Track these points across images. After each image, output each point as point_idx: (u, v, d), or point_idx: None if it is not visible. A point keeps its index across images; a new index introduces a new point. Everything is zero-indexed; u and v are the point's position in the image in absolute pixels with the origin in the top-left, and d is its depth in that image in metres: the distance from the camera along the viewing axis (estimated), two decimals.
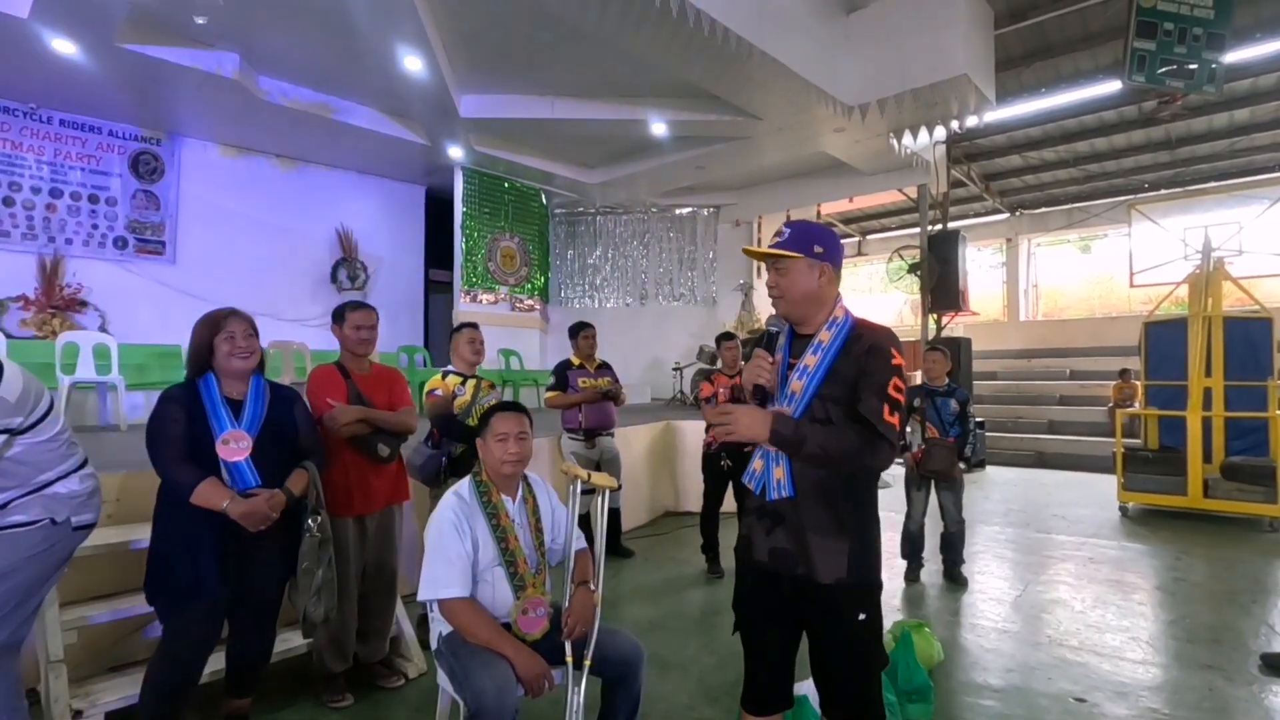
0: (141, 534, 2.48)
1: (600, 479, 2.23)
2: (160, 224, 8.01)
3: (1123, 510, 6.46)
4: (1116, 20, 7.07)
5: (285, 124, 7.68)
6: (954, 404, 4.24)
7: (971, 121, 7.43)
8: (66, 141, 7.39)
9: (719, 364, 4.71)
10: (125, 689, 2.31)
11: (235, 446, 2.08)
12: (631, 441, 5.64)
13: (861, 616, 1.59)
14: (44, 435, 1.87)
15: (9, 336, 6.07)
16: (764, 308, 10.55)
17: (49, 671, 2.18)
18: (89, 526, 2.00)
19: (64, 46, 5.85)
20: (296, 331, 7.72)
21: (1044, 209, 13.46)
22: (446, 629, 1.95)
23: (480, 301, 9.66)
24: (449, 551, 1.91)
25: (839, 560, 1.57)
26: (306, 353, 6.45)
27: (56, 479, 1.90)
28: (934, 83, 6.37)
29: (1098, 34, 7.68)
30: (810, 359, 1.62)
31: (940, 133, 8.07)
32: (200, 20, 5.05)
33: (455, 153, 8.77)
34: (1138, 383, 8.65)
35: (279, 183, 8.87)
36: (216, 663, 2.29)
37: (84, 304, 7.34)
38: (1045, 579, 4.38)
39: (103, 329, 7.13)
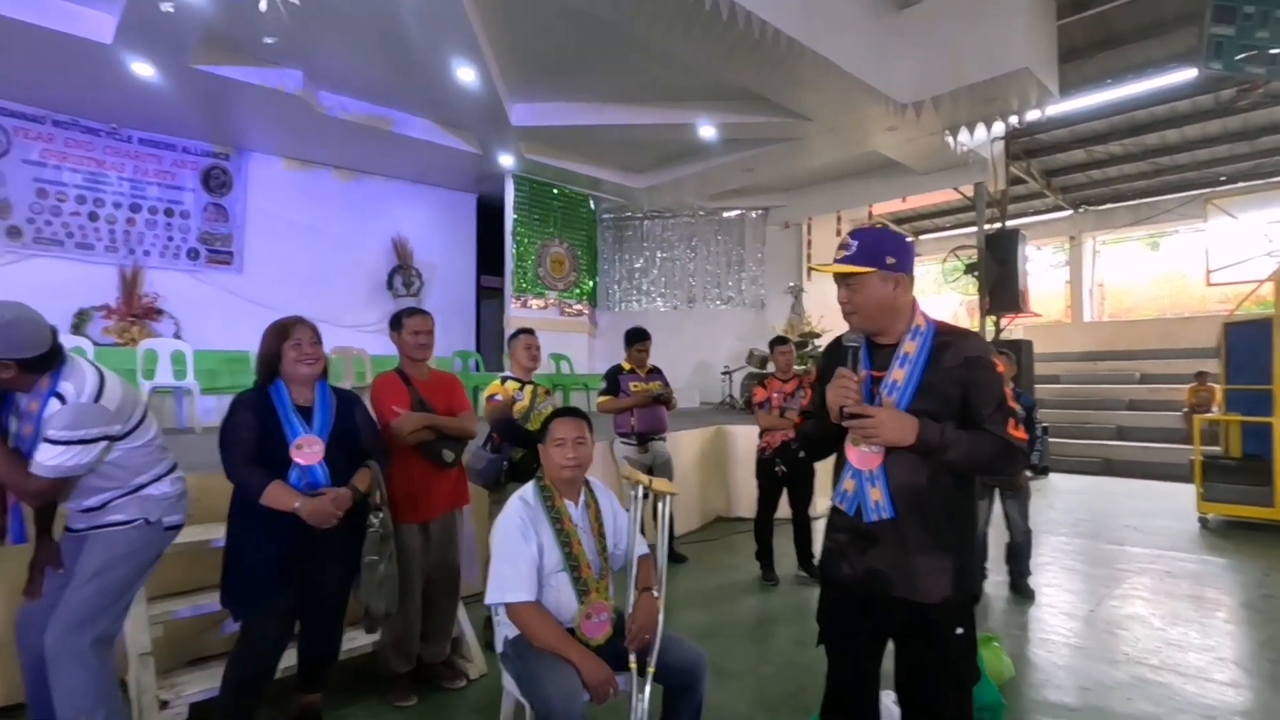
0: (217, 533, 2.59)
1: (661, 485, 2.24)
2: (229, 235, 8.38)
3: (1202, 522, 6.12)
4: (1191, 5, 6.72)
5: (345, 137, 7.95)
6: (1019, 410, 4.08)
7: (1033, 116, 7.15)
8: (145, 159, 7.80)
9: (769, 368, 4.66)
10: (206, 682, 2.42)
11: (309, 451, 2.17)
12: (683, 446, 5.62)
13: (959, 630, 1.57)
14: (139, 441, 1.97)
15: (95, 344, 6.43)
16: (814, 310, 10.39)
17: (138, 663, 2.29)
18: (178, 527, 2.11)
19: (143, 69, 6.18)
20: (355, 337, 7.98)
21: (1109, 205, 12.87)
22: (512, 632, 1.98)
23: (530, 307, 9.79)
24: (516, 555, 1.93)
25: (943, 579, 1.54)
26: (366, 358, 6.65)
27: (150, 481, 2.00)
28: (992, 77, 6.17)
29: (1170, 21, 7.32)
30: (898, 373, 1.59)
31: (999, 128, 7.81)
32: (269, 40, 5.27)
33: (506, 161, 8.93)
34: (1216, 386, 8.20)
35: (338, 194, 9.18)
36: (289, 659, 2.37)
37: (160, 312, 7.73)
38: (1119, 593, 4.18)
39: (177, 336, 7.50)
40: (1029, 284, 9.54)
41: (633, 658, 1.94)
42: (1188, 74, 7.62)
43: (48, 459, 1.81)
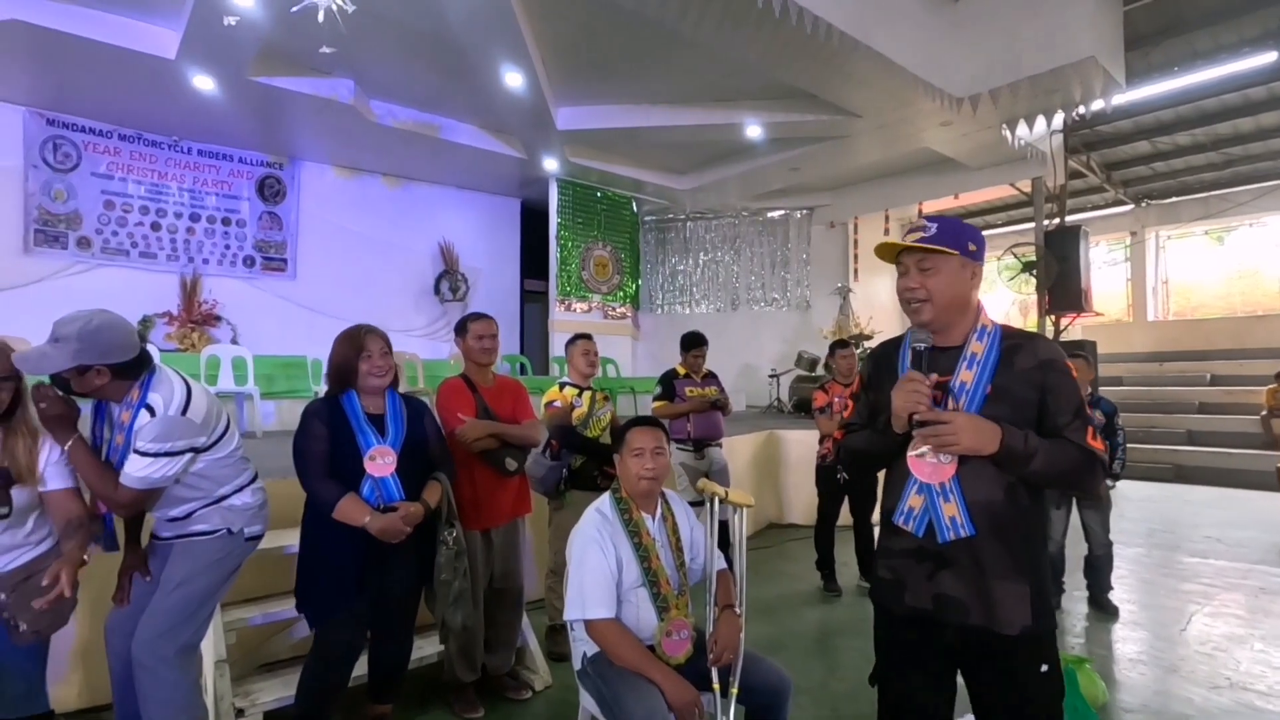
0: (286, 539, 2.60)
1: (738, 496, 2.16)
2: (283, 242, 8.57)
3: None
4: None
5: (393, 144, 8.06)
6: (1099, 415, 3.88)
7: (1097, 106, 6.86)
8: (204, 170, 8.04)
9: (817, 370, 4.53)
10: (279, 690, 2.42)
11: (382, 462, 2.15)
12: (735, 451, 5.51)
13: (1044, 668, 1.42)
14: (223, 452, 1.98)
15: (159, 350, 6.63)
16: (862, 311, 10.14)
17: (214, 671, 2.30)
18: (259, 537, 2.11)
19: (203, 82, 6.36)
20: (403, 342, 8.08)
21: (1174, 199, 12.30)
22: (591, 649, 1.91)
23: (574, 310, 9.79)
24: (595, 570, 1.87)
25: (1023, 607, 1.38)
26: (418, 363, 6.71)
27: (233, 492, 2.01)
28: (1055, 67, 5.93)
29: (1242, 5, 6.93)
30: (965, 374, 1.45)
31: (1058, 121, 7.52)
32: (326, 50, 5.35)
33: (550, 165, 8.94)
34: None
35: (386, 200, 9.33)
36: (360, 668, 2.36)
37: (218, 319, 7.94)
38: (1211, 611, 3.93)
39: (234, 341, 7.70)
40: (1091, 282, 9.15)
41: (716, 678, 1.86)
42: (1264, 58, 7.21)
43: (136, 471, 1.82)
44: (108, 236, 7.43)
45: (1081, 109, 6.85)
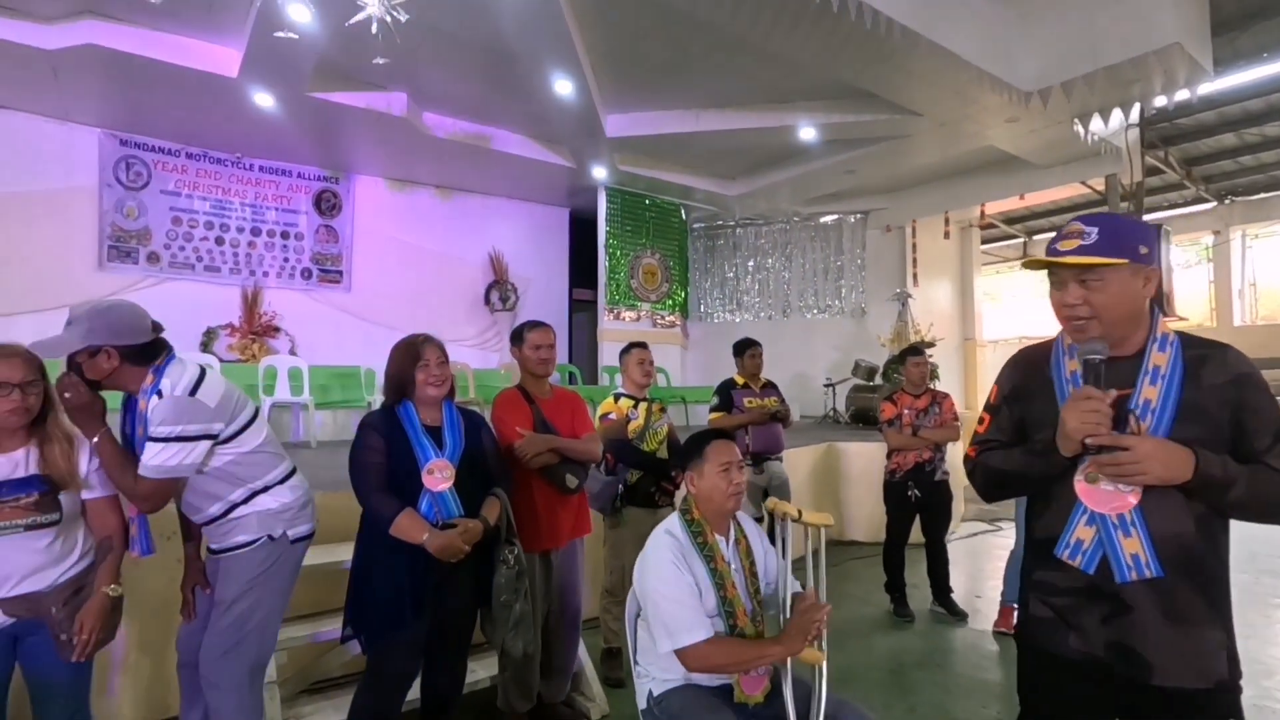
0: (338, 554, 2.53)
1: (813, 517, 1.97)
2: (338, 255, 8.74)
3: None
4: None
5: (444, 156, 8.14)
6: None
7: (1181, 96, 6.41)
8: (264, 185, 8.27)
9: (875, 379, 4.27)
10: (330, 714, 2.34)
11: (439, 476, 2.05)
12: (793, 465, 5.27)
13: None
14: (247, 446, 1.91)
15: (220, 360, 6.80)
16: (922, 318, 9.74)
17: (265, 693, 2.23)
18: (307, 537, 2.03)
19: (264, 99, 6.52)
20: (455, 352, 8.06)
21: (1264, 194, 11.48)
22: (659, 688, 1.75)
23: (623, 319, 9.70)
24: (680, 592, 1.69)
25: (1220, 658, 1.20)
26: (469, 372, 6.70)
27: (263, 489, 1.93)
28: (1134, 56, 5.55)
29: None
30: (1149, 390, 1.25)
31: (1135, 114, 7.07)
32: (380, 61, 5.41)
33: (599, 173, 8.90)
34: None
35: (438, 212, 9.44)
36: (412, 692, 2.25)
37: (277, 330, 8.13)
38: None
39: (292, 352, 7.86)
40: (1174, 285, 8.58)
41: (791, 708, 1.68)
42: None
43: (151, 458, 1.76)
44: (175, 251, 7.69)
45: (1163, 100, 6.41)
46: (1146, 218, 9.72)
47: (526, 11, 5.46)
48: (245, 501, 1.91)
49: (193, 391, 1.81)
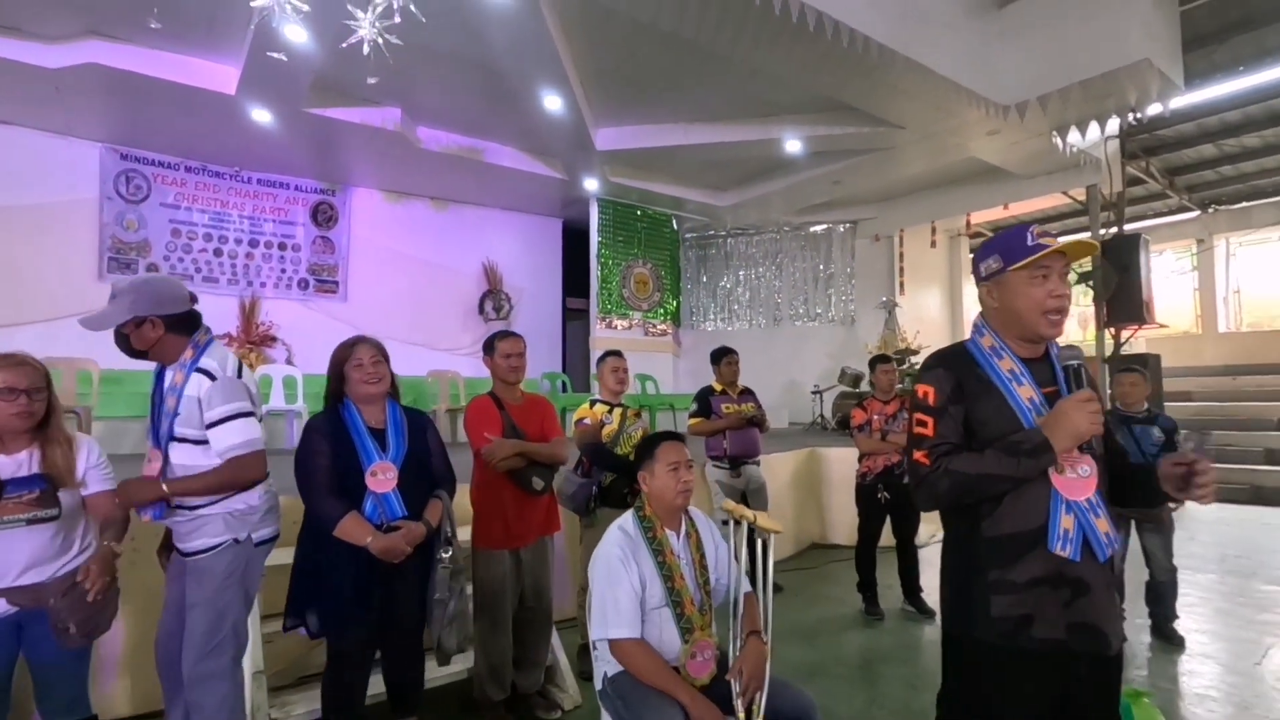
0: None
1: (765, 522, 2.11)
2: (335, 266, 8.91)
3: None
4: None
5: (439, 168, 8.31)
6: (1157, 432, 3.67)
7: (1154, 110, 6.58)
8: (262, 198, 8.44)
9: (861, 386, 4.42)
10: (314, 701, 2.46)
11: (384, 478, 2.13)
12: (775, 469, 5.42)
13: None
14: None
15: None
16: (909, 325, 9.89)
17: (252, 682, 2.36)
18: (270, 540, 2.13)
19: (261, 115, 6.69)
20: (450, 361, 8.26)
21: (1245, 204, 11.66)
22: (612, 669, 1.89)
23: (615, 328, 9.85)
24: (618, 589, 1.85)
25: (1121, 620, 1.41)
26: (460, 380, 6.85)
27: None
28: (1107, 71, 5.71)
29: None
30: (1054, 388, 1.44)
31: (1113, 126, 7.24)
32: (372, 81, 5.56)
33: (591, 185, 9.07)
34: None
35: (432, 223, 9.60)
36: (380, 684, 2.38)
37: (274, 339, 8.28)
38: None
39: (289, 361, 8.00)
40: (1154, 292, 8.72)
41: (739, 705, 1.81)
42: None
43: (226, 439, 1.91)
44: (174, 263, 7.85)
45: (1137, 113, 6.58)
46: (1131, 227, 9.88)
47: (515, 33, 5.63)
48: (218, 500, 1.99)
49: (239, 374, 2.00)
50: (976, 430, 1.40)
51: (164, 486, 1.91)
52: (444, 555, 2.20)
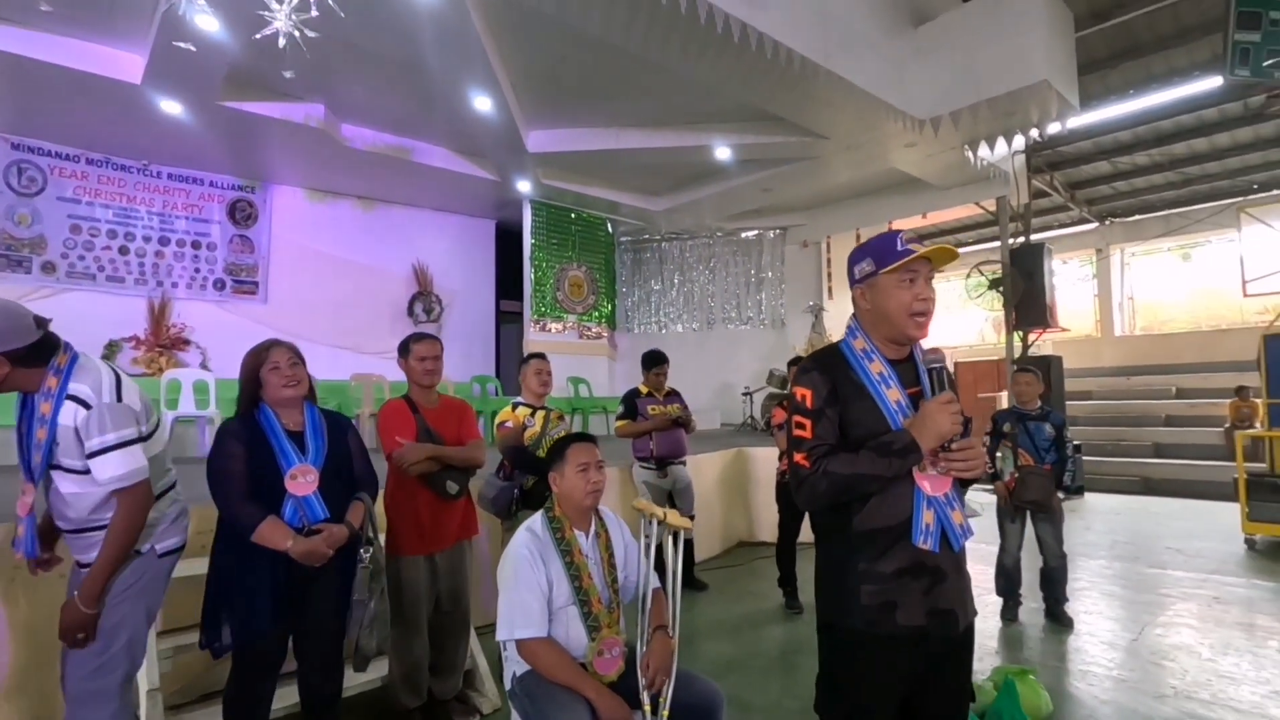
0: None
1: (675, 519, 2.16)
2: (254, 266, 8.55)
3: (1249, 543, 5.84)
4: (1214, 13, 6.60)
5: (365, 167, 8.10)
6: (1049, 428, 3.95)
7: (1054, 128, 7.05)
8: (174, 193, 8.02)
9: (789, 387, 4.56)
10: (216, 718, 2.37)
11: (303, 481, 2.08)
12: (703, 469, 5.53)
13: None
14: (152, 451, 1.92)
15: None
16: (835, 329, 10.25)
17: (147, 700, 2.26)
18: (176, 551, 2.02)
19: (171, 107, 6.37)
20: (378, 364, 8.03)
21: (1138, 216, 12.60)
22: (520, 669, 1.91)
23: (549, 330, 9.81)
24: (525, 589, 1.87)
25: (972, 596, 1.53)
26: (385, 384, 6.69)
27: (155, 496, 1.95)
28: (1011, 90, 6.09)
29: (1192, 29, 7.19)
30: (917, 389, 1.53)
31: (1019, 142, 7.71)
32: (288, 75, 5.39)
33: (524, 187, 9.02)
34: (1258, 401, 7.88)
35: (359, 223, 9.34)
36: (292, 696, 2.30)
37: (187, 342, 7.88)
38: (1164, 621, 3.97)
39: (204, 365, 7.63)
40: (1056, 298, 9.33)
41: (645, 699, 1.86)
42: (1212, 82, 7.47)
43: (109, 472, 1.75)
44: (74, 261, 7.37)
45: (1038, 131, 7.03)
46: (1037, 237, 10.52)
47: (442, 32, 5.56)
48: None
49: (118, 396, 1.80)
50: (848, 431, 1.47)
51: (78, 600, 1.77)
52: (364, 555, 2.18)
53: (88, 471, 1.80)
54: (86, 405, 1.76)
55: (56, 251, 7.27)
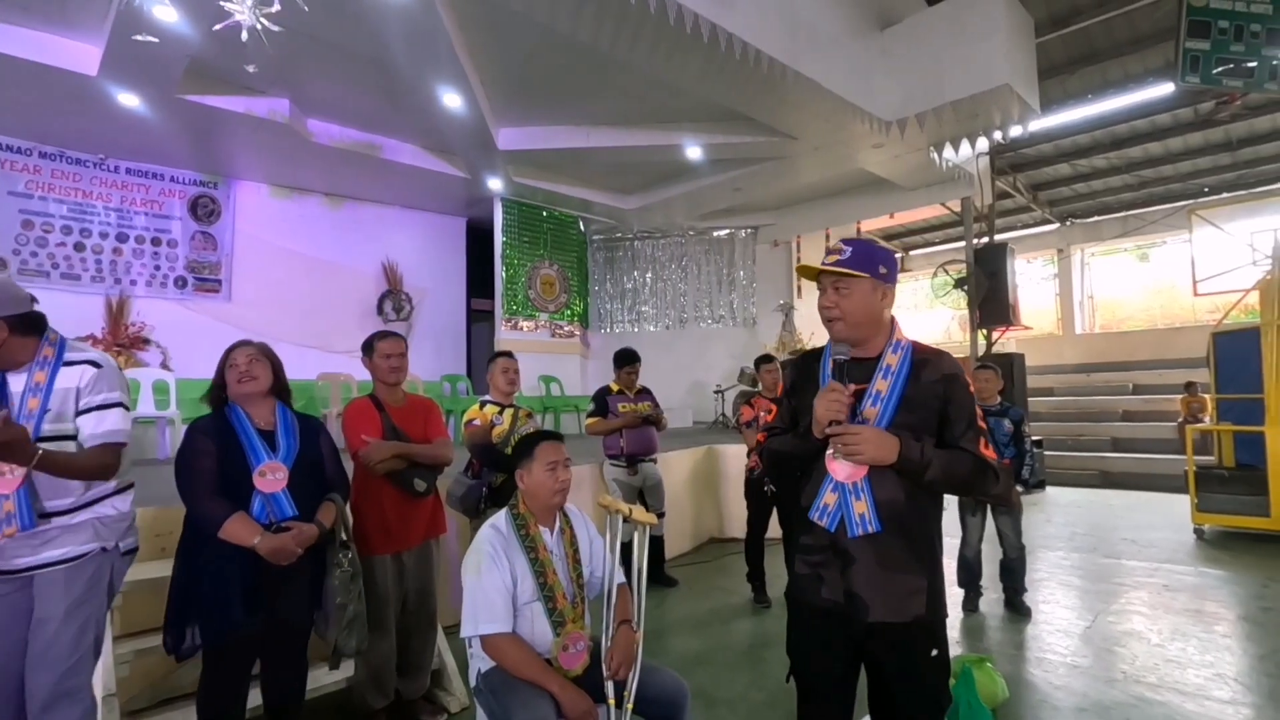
0: None
1: (641, 515, 2.18)
2: (217, 263, 8.36)
3: (1198, 533, 6.07)
4: (1166, 21, 6.84)
5: (333, 163, 7.97)
6: (1007, 424, 4.06)
7: (1015, 131, 7.22)
8: (132, 189, 7.81)
9: (759, 386, 4.62)
10: None
11: (273, 478, 2.08)
12: (674, 466, 5.56)
13: (934, 653, 1.56)
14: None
15: None
16: (805, 327, 10.39)
17: (103, 706, 2.21)
18: (134, 551, 2.04)
19: (129, 100, 6.21)
20: (346, 363, 7.91)
21: (1096, 218, 12.99)
22: (485, 665, 1.92)
23: (521, 329, 9.77)
24: (489, 586, 1.88)
25: (919, 599, 1.53)
26: (353, 383, 6.60)
27: (115, 492, 1.95)
28: (974, 94, 6.22)
29: (1147, 36, 7.45)
30: (881, 384, 1.57)
31: (983, 144, 7.89)
32: (251, 69, 5.28)
33: (495, 184, 8.96)
34: (1206, 396, 8.18)
35: (327, 220, 9.19)
36: (255, 699, 2.28)
37: (147, 342, 7.67)
38: (1117, 609, 4.11)
39: (164, 365, 7.45)
40: (1019, 297, 9.57)
41: (610, 691, 1.87)
42: (1165, 88, 7.73)
43: (116, 424, 1.88)
44: (25, 257, 7.14)
45: (1001, 133, 7.20)
46: (1000, 237, 10.78)
47: (409, 27, 5.50)
48: (87, 506, 1.88)
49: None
50: (800, 417, 1.67)
51: (36, 460, 1.71)
52: (341, 558, 2.19)
53: (74, 437, 1.86)
54: (97, 365, 1.90)
55: (7, 248, 7.03)
